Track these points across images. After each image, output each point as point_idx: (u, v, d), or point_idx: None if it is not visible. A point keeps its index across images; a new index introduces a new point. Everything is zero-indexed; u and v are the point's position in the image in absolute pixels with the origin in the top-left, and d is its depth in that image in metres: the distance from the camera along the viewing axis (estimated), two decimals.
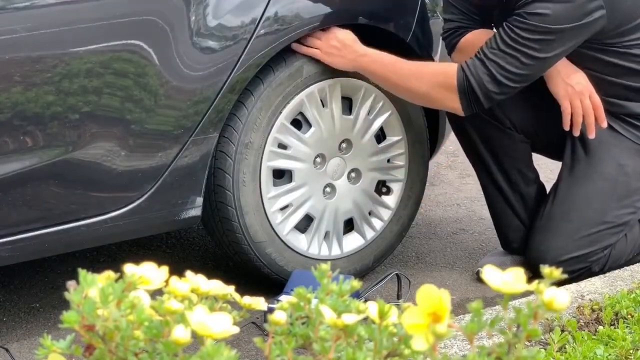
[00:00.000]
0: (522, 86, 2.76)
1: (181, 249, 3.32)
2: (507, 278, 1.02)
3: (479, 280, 3.09)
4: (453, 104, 2.79)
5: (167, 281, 1.15)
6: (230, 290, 1.21)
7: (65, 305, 1.05)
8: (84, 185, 2.56)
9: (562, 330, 2.30)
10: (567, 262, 2.85)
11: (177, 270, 1.29)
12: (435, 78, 2.80)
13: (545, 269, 1.02)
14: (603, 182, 2.91)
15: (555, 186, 2.98)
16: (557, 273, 1.01)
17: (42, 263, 3.09)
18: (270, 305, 2.28)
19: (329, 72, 2.87)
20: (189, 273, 1.20)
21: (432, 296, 1.00)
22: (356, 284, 1.17)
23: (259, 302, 1.25)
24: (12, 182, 2.45)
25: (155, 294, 1.14)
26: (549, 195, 3.01)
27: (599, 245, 2.89)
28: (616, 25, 2.77)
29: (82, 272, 1.05)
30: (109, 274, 1.07)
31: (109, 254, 3.22)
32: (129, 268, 1.08)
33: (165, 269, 1.14)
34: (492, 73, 2.72)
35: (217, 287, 1.20)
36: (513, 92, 2.77)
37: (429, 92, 2.81)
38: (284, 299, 3.07)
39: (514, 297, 1.26)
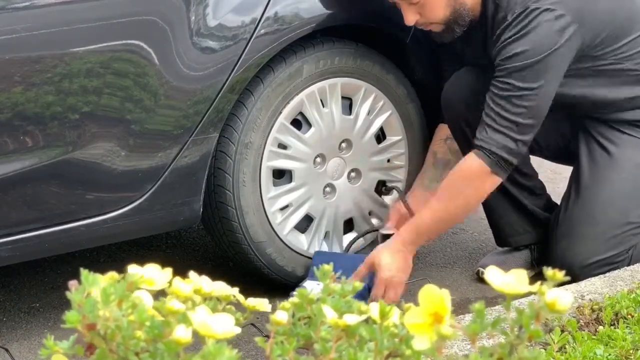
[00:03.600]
0: (540, 121, 2.73)
1: (181, 249, 3.32)
2: (509, 279, 1.02)
3: (479, 280, 3.09)
4: (497, 182, 2.77)
5: (170, 282, 1.15)
6: (234, 291, 1.21)
7: (65, 305, 1.05)
8: (84, 185, 2.56)
9: (562, 331, 2.30)
10: (595, 264, 2.86)
11: (177, 270, 1.29)
12: (471, 185, 2.76)
13: (549, 271, 1.02)
14: (623, 182, 2.91)
15: (575, 189, 2.96)
16: (560, 275, 1.01)
17: (42, 263, 3.09)
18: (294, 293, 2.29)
19: (329, 72, 2.87)
20: (192, 273, 1.20)
21: (434, 296, 1.00)
22: (358, 284, 1.17)
23: (262, 304, 1.25)
24: (12, 182, 2.45)
25: (159, 295, 1.14)
26: (565, 199, 2.99)
27: (625, 246, 2.90)
28: (594, 37, 2.77)
29: (83, 272, 1.05)
30: (113, 274, 1.07)
31: (109, 254, 3.22)
32: (132, 268, 1.08)
33: (169, 270, 1.14)
34: (507, 132, 2.70)
35: (221, 288, 1.20)
36: (535, 129, 2.74)
37: (480, 196, 2.80)
38: (309, 285, 3.03)
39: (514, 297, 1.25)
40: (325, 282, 1.17)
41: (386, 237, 2.91)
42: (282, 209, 2.89)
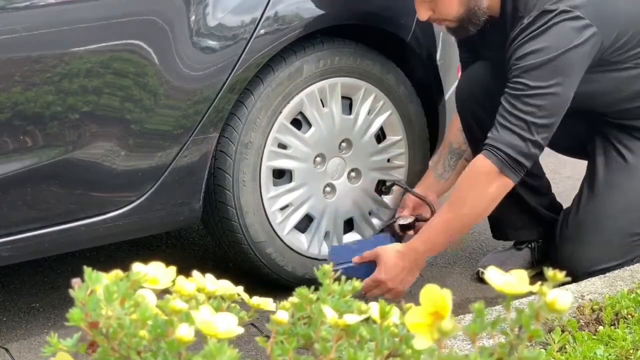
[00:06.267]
0: (554, 122, 2.66)
1: (181, 249, 3.32)
2: (510, 279, 1.02)
3: (479, 280, 3.08)
4: (507, 185, 2.69)
5: (174, 281, 1.15)
6: (238, 289, 1.21)
7: (65, 305, 1.06)
8: (84, 185, 2.56)
9: (562, 330, 2.30)
10: (599, 272, 2.84)
11: (178, 270, 1.29)
12: (479, 187, 2.68)
13: (549, 272, 1.02)
14: (636, 192, 2.90)
15: (587, 194, 2.94)
16: (560, 276, 1.01)
17: (42, 263, 3.09)
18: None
19: (329, 71, 2.87)
20: (195, 273, 1.20)
21: (435, 296, 1.00)
22: (358, 284, 1.17)
23: (267, 303, 1.25)
24: (12, 182, 2.45)
25: (164, 294, 1.14)
26: (576, 201, 2.96)
27: (630, 256, 2.88)
28: (614, 41, 2.71)
29: (87, 270, 1.05)
30: (117, 272, 1.07)
31: (109, 254, 3.22)
32: (136, 266, 1.08)
33: (173, 268, 1.14)
34: (517, 131, 2.64)
35: (225, 286, 1.19)
36: (550, 131, 2.66)
37: (488, 199, 2.70)
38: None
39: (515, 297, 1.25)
40: (325, 282, 1.17)
41: (404, 226, 2.90)
42: (282, 208, 2.89)
